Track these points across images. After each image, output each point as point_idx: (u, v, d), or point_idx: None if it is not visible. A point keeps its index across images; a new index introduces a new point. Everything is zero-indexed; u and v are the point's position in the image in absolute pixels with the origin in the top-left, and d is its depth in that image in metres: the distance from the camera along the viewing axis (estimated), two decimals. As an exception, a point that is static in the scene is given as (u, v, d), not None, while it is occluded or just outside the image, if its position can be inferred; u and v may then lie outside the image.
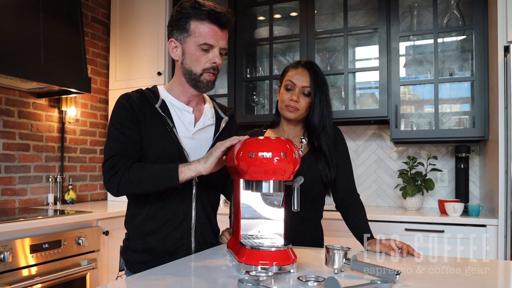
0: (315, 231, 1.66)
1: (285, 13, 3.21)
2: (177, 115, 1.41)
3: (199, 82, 1.36)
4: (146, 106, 1.37)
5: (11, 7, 2.30)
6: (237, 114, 3.06)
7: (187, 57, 1.35)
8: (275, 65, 3.11)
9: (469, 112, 2.78)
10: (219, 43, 1.33)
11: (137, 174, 1.27)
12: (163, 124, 1.36)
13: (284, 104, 1.60)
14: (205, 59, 1.34)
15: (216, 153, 1.21)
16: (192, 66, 1.35)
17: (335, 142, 1.63)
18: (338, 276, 1.06)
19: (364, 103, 3.10)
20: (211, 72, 1.35)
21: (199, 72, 1.35)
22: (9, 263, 1.90)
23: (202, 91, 1.40)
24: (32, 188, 2.78)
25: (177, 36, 1.35)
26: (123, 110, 1.35)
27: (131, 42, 3.24)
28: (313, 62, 1.65)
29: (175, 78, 1.44)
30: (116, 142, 1.33)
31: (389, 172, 3.04)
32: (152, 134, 1.35)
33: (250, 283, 0.90)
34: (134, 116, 1.35)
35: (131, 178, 1.27)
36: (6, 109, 2.63)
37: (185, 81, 1.39)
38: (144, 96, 1.39)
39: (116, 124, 1.34)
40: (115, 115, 1.36)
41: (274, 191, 1.12)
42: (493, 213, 2.40)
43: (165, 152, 1.35)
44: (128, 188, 1.29)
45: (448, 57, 2.89)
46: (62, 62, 2.57)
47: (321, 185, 1.59)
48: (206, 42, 1.31)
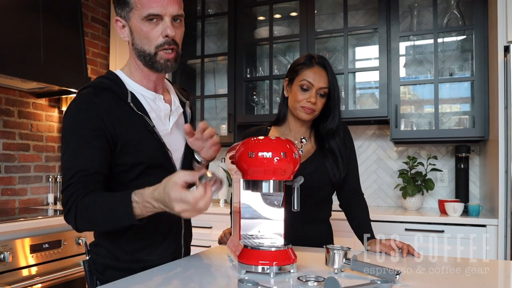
0: (326, 230, 1.65)
1: (285, 13, 3.21)
2: (151, 108, 1.20)
3: (156, 63, 1.15)
4: (117, 107, 1.13)
5: (11, 7, 2.29)
6: (237, 114, 3.07)
7: (136, 35, 1.15)
8: (275, 65, 3.11)
9: (469, 112, 2.78)
10: (168, 10, 1.11)
11: (90, 214, 1.05)
12: (143, 125, 1.16)
13: (300, 105, 1.52)
14: (156, 34, 1.12)
15: (173, 194, 0.92)
16: (143, 45, 1.14)
17: (344, 140, 1.60)
18: (338, 276, 1.06)
19: (364, 103, 3.10)
20: (167, 48, 1.14)
21: (152, 51, 1.14)
22: (9, 263, 1.90)
23: (162, 73, 1.19)
24: (32, 188, 2.78)
25: (120, 13, 1.16)
26: (85, 119, 1.08)
27: (131, 42, 3.24)
28: (326, 59, 1.57)
29: (131, 62, 1.23)
30: (72, 163, 1.08)
31: (389, 172, 3.04)
32: (131, 139, 1.13)
33: (250, 283, 0.90)
34: (102, 127, 1.09)
35: (85, 218, 1.06)
36: (6, 109, 2.63)
37: (142, 65, 1.19)
38: (112, 94, 1.14)
39: (74, 140, 1.08)
40: (73, 125, 1.09)
41: (274, 191, 1.11)
42: (493, 213, 2.40)
43: (152, 157, 1.17)
44: (88, 228, 1.11)
45: (448, 57, 2.89)
46: (62, 62, 2.57)
47: (329, 185, 1.57)
48: (151, 12, 1.10)
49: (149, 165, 1.16)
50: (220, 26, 3.40)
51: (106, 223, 1.07)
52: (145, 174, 1.16)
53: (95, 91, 1.14)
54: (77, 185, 1.06)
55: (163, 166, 1.19)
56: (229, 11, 3.12)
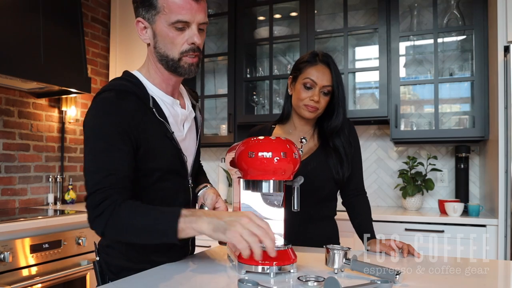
0: (331, 229, 1.64)
1: (285, 13, 3.21)
2: (169, 113, 1.19)
3: (179, 68, 1.14)
4: (140, 112, 1.10)
5: (11, 7, 2.29)
6: (237, 114, 3.07)
7: (160, 39, 1.12)
8: (275, 65, 3.11)
9: (469, 112, 2.78)
10: (196, 18, 1.10)
11: (127, 220, 1.01)
12: (162, 131, 1.14)
13: (303, 103, 1.51)
14: (182, 40, 1.11)
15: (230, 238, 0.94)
16: (168, 50, 1.12)
17: (350, 138, 1.59)
18: (338, 276, 1.06)
19: (364, 103, 3.10)
20: (192, 54, 1.13)
21: (176, 57, 1.13)
22: (9, 263, 1.90)
23: (185, 77, 1.18)
24: (32, 188, 2.78)
25: (144, 15, 1.12)
26: (112, 122, 1.05)
27: (131, 42, 3.24)
28: (330, 56, 1.55)
29: (150, 65, 1.19)
30: (101, 166, 1.04)
31: (389, 172, 3.04)
32: (153, 145, 1.12)
33: (250, 283, 0.90)
34: (128, 131, 1.06)
35: (119, 224, 1.01)
36: (6, 109, 2.63)
37: (163, 68, 1.16)
38: (136, 98, 1.12)
39: (101, 142, 1.05)
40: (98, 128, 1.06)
41: (274, 191, 1.12)
42: (493, 213, 2.40)
43: (170, 165, 1.17)
44: (116, 235, 1.05)
45: (448, 57, 2.89)
46: (62, 62, 2.57)
47: (332, 182, 1.56)
48: (180, 19, 1.08)
49: (166, 171, 1.16)
50: (220, 26, 3.40)
51: (142, 234, 1.01)
52: (161, 180, 1.16)
53: (119, 94, 1.10)
54: (111, 189, 1.02)
55: (178, 172, 1.20)
56: (229, 11, 3.12)
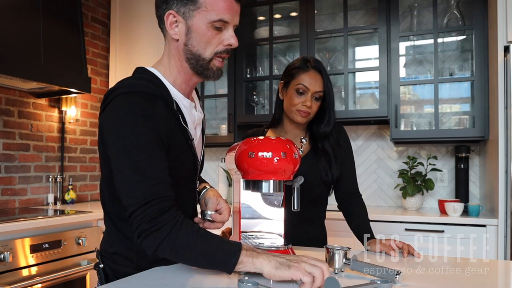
0: (319, 232, 1.65)
1: (285, 13, 3.21)
2: (189, 118, 1.12)
3: (207, 70, 1.09)
4: (168, 117, 1.04)
5: (11, 7, 2.29)
6: (237, 114, 3.07)
7: (194, 37, 1.05)
8: (275, 65, 3.11)
9: (469, 112, 2.78)
10: (234, 20, 1.06)
11: (186, 242, 0.95)
12: (184, 137, 1.09)
13: (296, 108, 1.54)
14: (218, 40, 1.06)
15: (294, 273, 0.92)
16: (201, 49, 1.06)
17: (339, 140, 1.61)
18: (338, 276, 1.06)
19: (364, 103, 3.10)
20: (223, 56, 1.09)
21: (208, 57, 1.07)
22: (9, 263, 1.90)
23: (211, 80, 1.12)
24: (32, 188, 2.78)
25: (178, 8, 1.05)
26: (146, 128, 0.98)
27: (131, 42, 3.24)
28: (320, 62, 1.60)
29: (173, 62, 1.12)
30: (147, 175, 0.95)
31: (389, 172, 3.04)
32: (177, 152, 1.06)
33: (250, 283, 0.90)
34: (162, 139, 1.01)
35: (178, 244, 0.94)
36: (6, 109, 2.63)
37: (188, 68, 1.10)
38: (163, 102, 1.05)
39: (142, 149, 0.97)
40: (131, 133, 0.97)
41: (274, 191, 1.12)
42: (493, 213, 2.40)
43: (187, 172, 1.13)
44: (169, 253, 0.97)
45: (448, 57, 2.89)
46: (62, 62, 2.57)
47: (322, 185, 1.58)
48: (222, 18, 1.04)
49: (184, 179, 1.13)
50: (220, 26, 3.40)
51: (200, 258, 0.97)
52: (177, 186, 1.08)
53: (148, 97, 1.02)
54: (166, 201, 0.96)
55: (191, 178, 1.17)
56: (229, 11, 3.11)
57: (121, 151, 0.98)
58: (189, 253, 0.96)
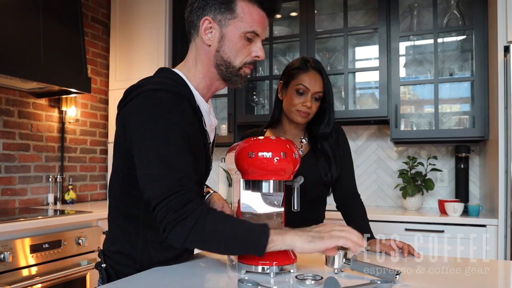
0: None
1: (285, 13, 3.21)
2: (207, 122, 1.15)
3: (236, 77, 1.12)
4: (192, 118, 1.07)
5: (11, 7, 2.29)
6: (237, 114, 3.07)
7: (227, 44, 1.08)
8: (275, 65, 3.11)
9: (469, 112, 2.78)
10: (263, 33, 1.11)
11: (217, 227, 0.94)
12: (203, 142, 1.11)
13: (296, 108, 1.54)
14: (247, 51, 1.10)
15: (328, 242, 0.95)
16: (232, 57, 1.09)
17: (338, 141, 1.62)
18: (338, 276, 1.06)
19: (364, 103, 3.10)
20: (250, 67, 1.13)
21: (238, 66, 1.10)
22: (9, 263, 1.90)
23: (235, 86, 1.16)
24: (32, 188, 2.78)
25: (215, 15, 1.07)
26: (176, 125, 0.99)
27: (131, 42, 3.24)
28: (320, 63, 1.60)
29: (200, 67, 1.13)
30: (172, 168, 0.96)
31: (389, 172, 3.04)
32: (196, 155, 1.07)
33: (250, 283, 0.90)
34: (188, 138, 1.02)
35: (207, 231, 0.93)
36: (6, 109, 2.63)
37: (216, 74, 1.12)
38: (189, 104, 1.07)
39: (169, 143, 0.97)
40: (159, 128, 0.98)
41: (274, 191, 1.11)
42: (493, 213, 2.40)
43: (201, 175, 1.14)
44: (198, 243, 0.97)
45: (448, 57, 2.89)
46: (62, 62, 2.57)
47: (321, 185, 1.59)
48: (255, 30, 1.08)
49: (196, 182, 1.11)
50: (220, 26, 3.40)
51: (230, 242, 0.96)
52: None
53: (177, 97, 1.04)
54: (190, 193, 0.96)
55: (201, 181, 1.18)
56: (229, 11, 3.11)
57: (149, 145, 0.98)
58: (219, 239, 0.95)
